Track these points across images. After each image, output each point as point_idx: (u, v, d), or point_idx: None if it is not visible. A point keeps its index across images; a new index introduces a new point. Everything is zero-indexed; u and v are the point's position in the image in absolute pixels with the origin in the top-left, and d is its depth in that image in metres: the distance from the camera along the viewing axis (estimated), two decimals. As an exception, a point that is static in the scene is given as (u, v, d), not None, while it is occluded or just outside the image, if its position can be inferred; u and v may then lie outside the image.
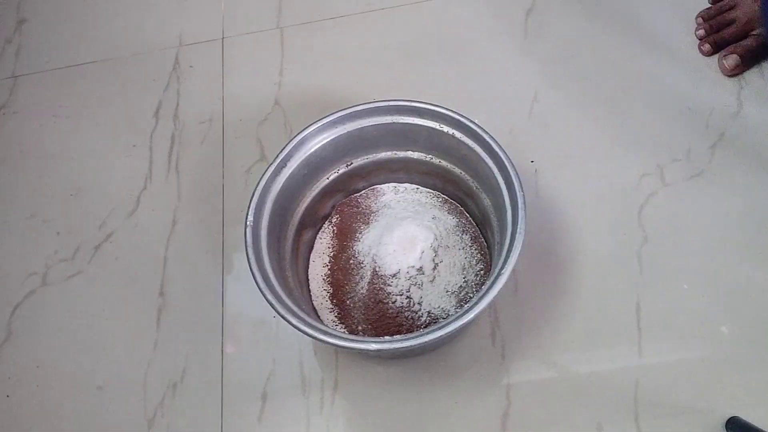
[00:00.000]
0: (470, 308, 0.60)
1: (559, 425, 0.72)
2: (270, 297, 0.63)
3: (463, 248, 0.75)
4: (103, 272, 0.86)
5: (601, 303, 0.77)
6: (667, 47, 0.91)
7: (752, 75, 0.87)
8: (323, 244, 0.79)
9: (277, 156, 0.71)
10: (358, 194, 0.81)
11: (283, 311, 0.63)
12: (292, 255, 0.75)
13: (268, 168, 0.70)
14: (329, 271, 0.77)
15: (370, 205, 0.80)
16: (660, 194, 0.81)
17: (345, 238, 0.78)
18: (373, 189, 0.81)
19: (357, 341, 0.62)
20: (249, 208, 0.68)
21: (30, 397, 0.80)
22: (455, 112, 0.70)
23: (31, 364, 0.82)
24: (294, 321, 0.62)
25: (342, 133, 0.74)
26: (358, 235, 0.77)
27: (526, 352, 0.76)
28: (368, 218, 0.78)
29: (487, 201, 0.73)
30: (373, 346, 0.60)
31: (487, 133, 0.68)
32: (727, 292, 0.76)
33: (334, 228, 0.79)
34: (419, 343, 0.60)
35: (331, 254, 0.78)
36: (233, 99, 0.96)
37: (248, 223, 0.68)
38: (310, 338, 0.62)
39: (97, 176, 0.93)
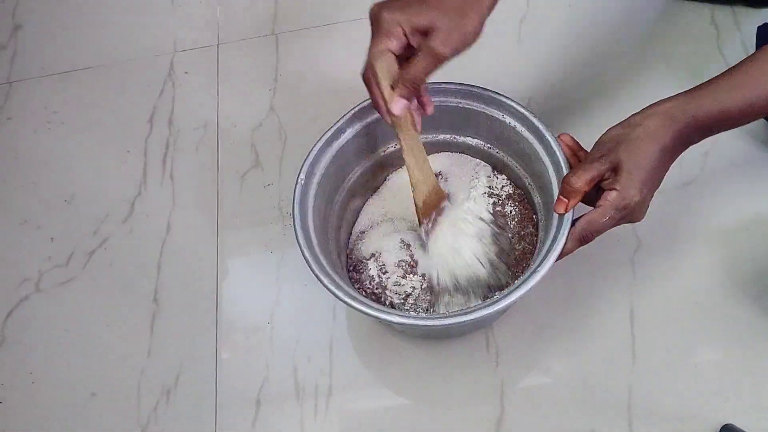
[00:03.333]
0: (506, 294, 0.60)
1: (552, 431, 0.72)
2: (308, 255, 0.63)
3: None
4: (97, 278, 0.86)
5: (594, 309, 0.77)
6: (664, 53, 0.92)
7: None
8: (367, 215, 0.79)
9: (338, 121, 0.70)
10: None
11: (317, 270, 0.63)
12: (338, 221, 0.75)
13: (327, 131, 0.70)
14: None
15: None
16: (654, 201, 0.81)
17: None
18: None
19: (383, 311, 0.62)
20: (303, 166, 0.68)
21: (23, 404, 0.80)
22: (520, 104, 0.69)
23: (24, 370, 0.82)
24: (326, 281, 0.62)
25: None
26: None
27: (520, 359, 0.76)
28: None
29: (537, 198, 0.73)
30: (397, 320, 0.60)
31: (549, 131, 0.68)
32: (722, 296, 0.76)
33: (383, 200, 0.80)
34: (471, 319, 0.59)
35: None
36: (228, 105, 0.96)
37: (299, 180, 0.67)
38: (340, 302, 0.62)
39: (92, 182, 0.93)
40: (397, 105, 0.60)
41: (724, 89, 0.60)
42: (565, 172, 0.65)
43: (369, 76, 0.60)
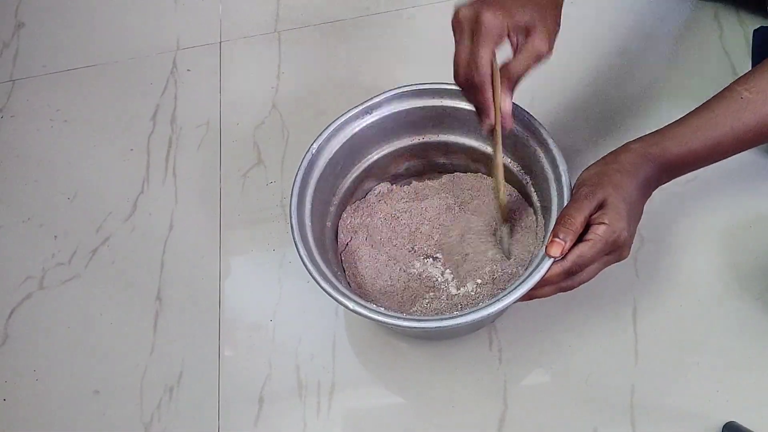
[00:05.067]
0: (505, 294, 0.60)
1: (555, 429, 0.72)
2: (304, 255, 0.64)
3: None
4: (100, 276, 0.86)
5: (597, 307, 0.77)
6: (667, 51, 0.92)
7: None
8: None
9: (358, 105, 0.71)
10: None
11: (303, 252, 0.64)
12: (342, 200, 0.76)
13: (349, 111, 0.71)
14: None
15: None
16: (656, 197, 0.81)
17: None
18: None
19: (369, 309, 0.62)
20: (319, 137, 0.69)
21: (26, 401, 0.80)
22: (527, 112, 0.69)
23: (27, 368, 0.82)
24: (309, 265, 0.63)
25: (417, 106, 0.73)
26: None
27: (523, 357, 0.76)
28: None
29: (535, 197, 0.73)
30: (402, 323, 0.61)
31: (552, 138, 0.67)
32: (724, 294, 0.76)
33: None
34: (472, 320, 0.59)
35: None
36: (230, 103, 0.96)
37: (312, 149, 0.68)
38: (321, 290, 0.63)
39: (95, 180, 0.93)
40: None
41: (689, 130, 0.60)
42: (565, 186, 0.65)
43: (482, 79, 0.58)
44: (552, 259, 0.59)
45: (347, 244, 0.77)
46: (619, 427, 0.71)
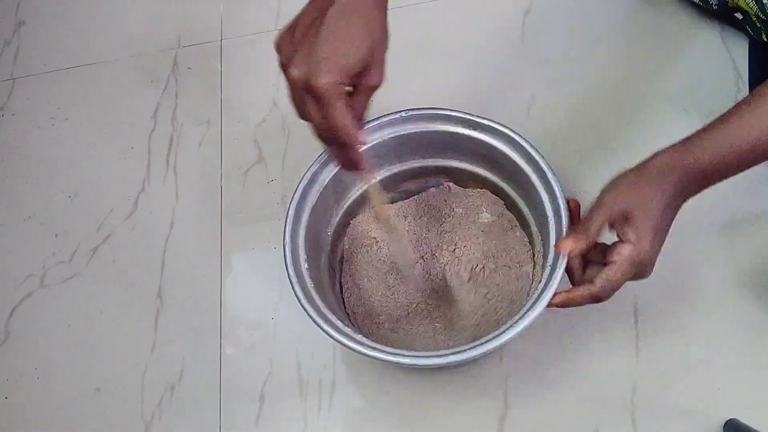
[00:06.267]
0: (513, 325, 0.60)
1: (556, 428, 0.72)
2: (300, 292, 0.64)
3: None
4: (101, 274, 0.86)
5: (597, 305, 0.76)
6: (669, 50, 0.91)
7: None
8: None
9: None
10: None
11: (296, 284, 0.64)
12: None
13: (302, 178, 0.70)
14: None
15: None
16: (658, 196, 0.81)
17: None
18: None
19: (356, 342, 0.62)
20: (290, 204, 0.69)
21: (28, 400, 0.80)
22: (509, 128, 0.68)
23: (28, 366, 0.82)
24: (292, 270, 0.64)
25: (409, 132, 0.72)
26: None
27: (524, 355, 0.75)
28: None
29: (535, 228, 0.73)
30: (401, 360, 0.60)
31: (541, 157, 0.67)
32: (726, 291, 0.76)
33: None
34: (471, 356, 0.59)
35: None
36: (231, 101, 0.96)
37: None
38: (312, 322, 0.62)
39: (95, 178, 0.93)
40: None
41: (720, 136, 0.58)
42: (559, 198, 0.64)
43: (347, 136, 0.54)
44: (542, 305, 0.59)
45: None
46: (620, 426, 0.71)
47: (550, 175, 0.65)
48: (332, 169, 0.70)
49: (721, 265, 0.77)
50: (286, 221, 0.67)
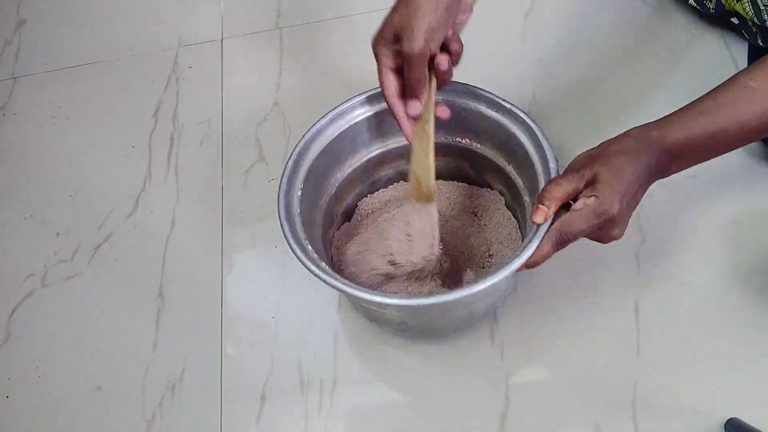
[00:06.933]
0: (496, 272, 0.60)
1: (557, 425, 0.72)
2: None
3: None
4: (102, 273, 0.86)
5: (599, 303, 0.77)
6: (670, 49, 0.91)
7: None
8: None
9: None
10: None
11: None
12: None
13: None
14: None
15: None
16: (657, 194, 0.81)
17: None
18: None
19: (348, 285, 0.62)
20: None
21: (29, 399, 0.80)
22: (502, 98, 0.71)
23: (30, 365, 0.82)
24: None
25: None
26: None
27: (525, 352, 0.76)
28: None
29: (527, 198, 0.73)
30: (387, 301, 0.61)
31: (534, 122, 0.69)
32: (727, 290, 0.76)
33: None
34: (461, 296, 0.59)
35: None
36: (232, 100, 0.96)
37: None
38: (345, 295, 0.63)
39: (96, 177, 0.93)
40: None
41: (692, 115, 0.59)
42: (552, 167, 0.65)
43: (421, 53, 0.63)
44: (521, 260, 0.59)
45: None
46: (621, 423, 0.71)
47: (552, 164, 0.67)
48: (365, 115, 0.75)
49: (721, 263, 0.77)
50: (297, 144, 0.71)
